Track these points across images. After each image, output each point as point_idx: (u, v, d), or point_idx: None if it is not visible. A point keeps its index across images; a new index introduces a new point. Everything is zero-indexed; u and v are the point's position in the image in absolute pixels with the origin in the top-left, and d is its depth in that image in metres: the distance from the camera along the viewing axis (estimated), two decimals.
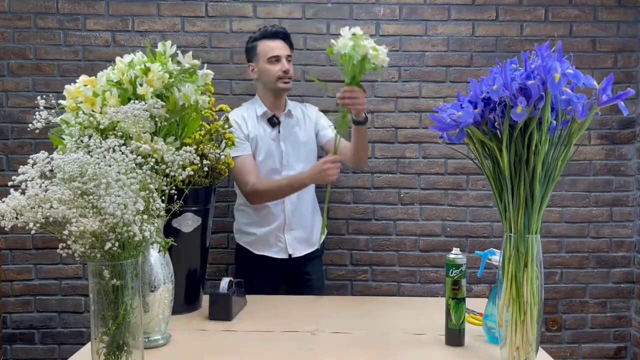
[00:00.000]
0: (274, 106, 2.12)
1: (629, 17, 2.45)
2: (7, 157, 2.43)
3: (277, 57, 2.03)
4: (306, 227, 2.14)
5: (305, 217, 2.14)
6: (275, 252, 2.10)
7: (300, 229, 2.12)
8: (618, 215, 2.50)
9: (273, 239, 2.10)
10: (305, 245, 2.14)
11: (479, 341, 1.33)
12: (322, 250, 2.26)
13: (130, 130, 1.14)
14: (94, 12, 2.40)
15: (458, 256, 1.29)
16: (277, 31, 2.06)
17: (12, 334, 2.46)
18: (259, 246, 2.11)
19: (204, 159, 1.57)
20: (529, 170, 1.04)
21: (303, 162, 2.11)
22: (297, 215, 2.11)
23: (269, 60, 2.03)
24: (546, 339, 2.52)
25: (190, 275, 1.55)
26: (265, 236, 2.10)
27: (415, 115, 2.48)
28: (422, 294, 2.49)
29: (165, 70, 1.29)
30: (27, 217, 0.92)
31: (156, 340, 1.28)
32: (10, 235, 2.42)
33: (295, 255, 2.11)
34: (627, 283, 2.52)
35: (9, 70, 2.40)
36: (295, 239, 2.11)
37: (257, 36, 2.07)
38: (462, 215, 2.49)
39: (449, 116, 1.08)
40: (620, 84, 2.42)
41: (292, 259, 2.11)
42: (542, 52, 1.00)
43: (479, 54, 2.45)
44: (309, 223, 2.15)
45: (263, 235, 2.10)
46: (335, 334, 1.39)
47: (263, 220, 2.09)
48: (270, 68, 2.03)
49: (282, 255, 2.10)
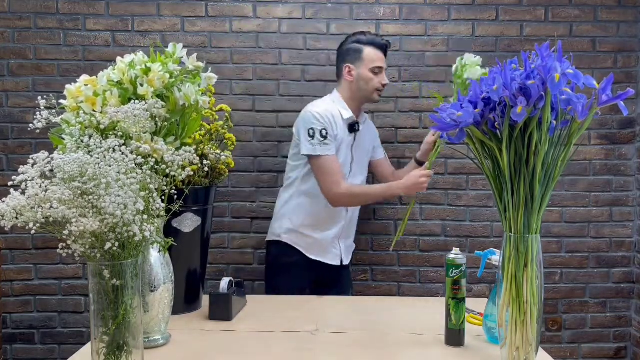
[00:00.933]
0: (357, 113, 2.13)
1: (629, 17, 2.45)
2: (7, 157, 2.43)
3: (380, 69, 2.06)
4: (354, 235, 2.21)
5: (354, 226, 2.19)
6: (330, 259, 2.11)
7: (350, 237, 2.18)
8: (618, 215, 2.50)
9: (329, 245, 2.10)
10: (350, 253, 2.21)
11: (479, 341, 1.33)
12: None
13: (130, 130, 1.14)
14: (94, 12, 2.40)
15: (458, 256, 1.29)
16: (385, 44, 2.09)
17: (12, 334, 2.46)
18: (314, 251, 2.09)
19: (204, 159, 1.57)
20: (529, 170, 1.04)
21: (363, 173, 2.17)
22: (352, 224, 2.16)
23: (372, 69, 2.04)
24: (546, 339, 2.52)
25: (190, 275, 1.55)
26: (322, 242, 2.09)
27: (415, 115, 2.48)
28: (422, 294, 2.49)
29: (165, 70, 1.29)
30: (27, 217, 0.92)
31: (156, 340, 1.29)
32: (10, 235, 2.42)
33: (345, 263, 2.16)
34: (627, 283, 2.52)
35: (9, 70, 2.40)
36: (347, 247, 2.17)
37: (365, 40, 2.06)
38: (462, 215, 2.49)
39: (449, 116, 1.08)
40: (620, 84, 2.42)
41: (342, 266, 2.15)
42: (542, 52, 1.00)
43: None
44: (355, 232, 2.22)
45: (321, 241, 2.09)
46: (335, 334, 1.39)
47: (324, 226, 2.08)
48: (373, 77, 2.05)
49: (335, 262, 2.12)
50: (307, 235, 2.08)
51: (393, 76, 2.45)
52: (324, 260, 2.10)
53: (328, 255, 2.11)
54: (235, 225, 2.47)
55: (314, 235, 2.08)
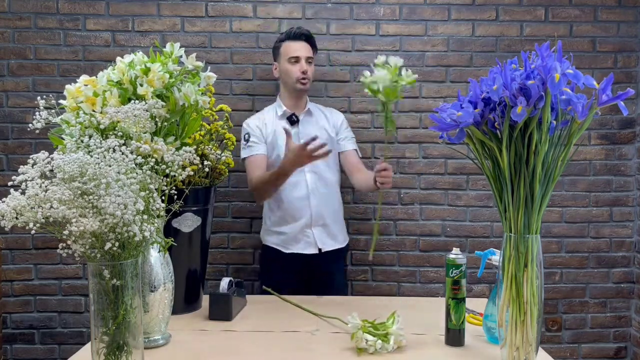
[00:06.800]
0: (295, 106, 2.17)
1: (629, 17, 2.45)
2: (7, 157, 2.43)
3: (296, 58, 2.09)
4: (332, 223, 2.17)
5: (330, 213, 2.16)
6: (304, 248, 2.12)
7: (326, 224, 2.15)
8: (618, 215, 2.50)
9: (300, 234, 2.12)
10: (333, 240, 2.17)
11: (479, 341, 1.33)
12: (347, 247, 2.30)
13: (130, 130, 1.14)
14: (94, 12, 2.40)
15: (458, 256, 1.29)
16: (301, 33, 2.12)
17: (12, 334, 2.46)
18: (288, 244, 2.13)
19: (205, 159, 1.57)
20: (529, 170, 1.04)
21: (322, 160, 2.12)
22: (323, 211, 2.14)
23: (289, 60, 2.10)
24: (546, 339, 2.52)
25: (190, 275, 1.55)
26: (294, 233, 2.12)
27: (415, 115, 2.48)
28: (422, 294, 2.49)
29: (165, 70, 1.29)
30: (27, 217, 0.92)
31: (156, 340, 1.29)
32: (10, 235, 2.42)
33: (325, 250, 2.14)
34: (627, 283, 2.52)
35: (9, 70, 2.40)
36: (323, 234, 2.14)
37: (283, 37, 2.14)
38: (462, 215, 2.49)
39: (449, 116, 1.08)
40: (620, 84, 2.42)
41: (321, 254, 2.13)
42: (542, 52, 1.00)
43: (479, 54, 2.45)
44: (334, 219, 2.18)
45: (292, 233, 2.12)
46: (335, 334, 1.39)
47: (291, 218, 2.12)
48: (290, 68, 2.10)
49: (311, 250, 2.12)
50: (279, 232, 2.14)
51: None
52: (300, 251, 2.12)
53: (300, 245, 2.12)
54: (235, 225, 2.47)
55: (284, 231, 2.13)
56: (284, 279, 2.10)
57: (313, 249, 2.12)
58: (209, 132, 1.66)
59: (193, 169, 1.47)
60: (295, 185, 2.09)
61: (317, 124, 2.18)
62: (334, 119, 2.24)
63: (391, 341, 1.26)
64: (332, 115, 2.24)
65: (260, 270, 2.29)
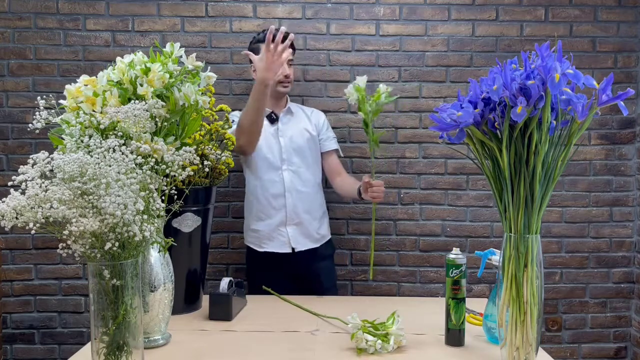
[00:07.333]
0: (275, 105, 2.16)
1: (629, 17, 2.45)
2: (7, 157, 2.43)
3: None
4: (309, 222, 2.13)
5: (307, 213, 2.13)
6: (278, 247, 2.10)
7: (301, 224, 2.12)
8: (618, 215, 2.50)
9: (274, 232, 2.11)
10: (309, 240, 2.13)
11: (479, 341, 1.33)
12: (334, 249, 2.28)
13: (130, 130, 1.14)
14: (94, 12, 2.40)
15: (458, 256, 1.29)
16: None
17: (12, 334, 2.46)
18: (263, 243, 2.12)
19: (205, 159, 1.57)
20: (529, 170, 1.04)
21: (301, 157, 2.13)
22: (299, 210, 2.11)
23: None
24: (546, 339, 2.52)
25: (190, 275, 1.55)
26: (268, 231, 2.11)
27: (415, 115, 2.48)
28: (422, 294, 2.49)
29: (165, 70, 1.29)
30: (27, 217, 0.92)
31: (156, 340, 1.29)
32: (10, 235, 2.42)
33: (298, 250, 2.11)
34: (627, 283, 2.52)
35: (9, 70, 2.41)
36: (297, 233, 2.11)
37: (260, 38, 2.07)
38: (462, 215, 2.49)
39: (449, 116, 1.08)
40: (620, 84, 2.42)
41: (295, 254, 2.10)
42: (542, 52, 1.00)
43: (479, 54, 2.45)
44: (312, 219, 2.14)
45: (266, 231, 2.11)
46: (335, 334, 1.39)
47: (265, 215, 2.11)
48: None
49: (285, 250, 2.10)
50: (255, 229, 2.13)
51: (393, 76, 2.46)
52: (273, 250, 2.10)
53: (273, 243, 2.11)
54: (235, 225, 2.47)
55: (259, 228, 2.12)
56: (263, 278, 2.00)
57: (287, 248, 2.10)
58: (209, 132, 1.66)
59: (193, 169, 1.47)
60: (272, 183, 2.09)
61: (298, 124, 2.17)
62: (316, 118, 2.23)
63: (391, 341, 1.26)
64: (313, 115, 2.23)
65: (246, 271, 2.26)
